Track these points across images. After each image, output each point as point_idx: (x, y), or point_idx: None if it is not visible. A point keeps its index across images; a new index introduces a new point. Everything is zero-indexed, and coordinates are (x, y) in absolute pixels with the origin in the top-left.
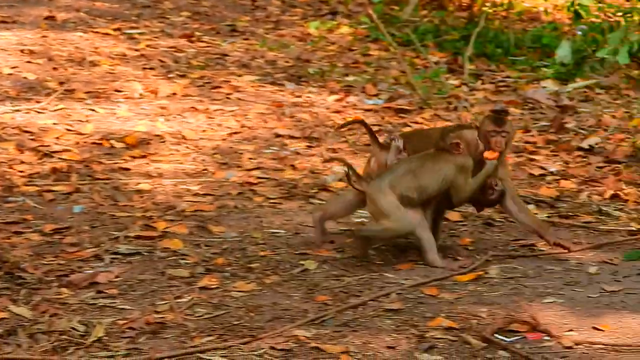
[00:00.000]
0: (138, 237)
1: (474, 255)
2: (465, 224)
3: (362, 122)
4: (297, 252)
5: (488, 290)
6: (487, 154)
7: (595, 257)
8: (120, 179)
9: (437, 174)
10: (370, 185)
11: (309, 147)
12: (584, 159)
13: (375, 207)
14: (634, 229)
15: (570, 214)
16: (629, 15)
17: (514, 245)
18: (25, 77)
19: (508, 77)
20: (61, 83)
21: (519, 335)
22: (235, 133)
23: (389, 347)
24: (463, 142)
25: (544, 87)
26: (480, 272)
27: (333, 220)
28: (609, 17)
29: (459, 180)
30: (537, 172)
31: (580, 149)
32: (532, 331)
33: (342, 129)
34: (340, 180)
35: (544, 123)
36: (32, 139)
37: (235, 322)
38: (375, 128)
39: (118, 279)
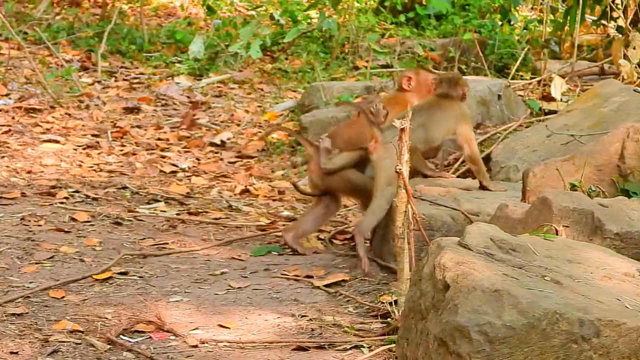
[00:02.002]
0: None
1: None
2: (94, 224)
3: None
4: None
5: (115, 290)
6: None
7: (224, 254)
8: None
9: (445, 123)
10: (385, 135)
11: None
12: (216, 154)
13: (386, 156)
14: (263, 224)
15: (200, 210)
16: (261, 9)
17: (142, 244)
18: None
19: (142, 73)
20: None
21: (144, 336)
22: None
23: (12, 353)
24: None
25: (178, 83)
26: (110, 273)
27: (305, 236)
28: (242, 11)
29: (466, 128)
30: (168, 169)
31: (212, 144)
32: (157, 331)
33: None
34: None
35: (176, 119)
36: None
37: None
38: (5, 129)
39: None
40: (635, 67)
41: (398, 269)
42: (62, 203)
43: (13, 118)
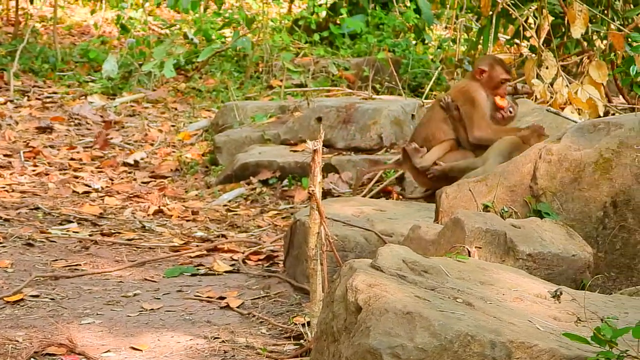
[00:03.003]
0: None
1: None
2: (5, 245)
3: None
4: None
5: (26, 313)
6: (498, 100)
7: (136, 275)
8: None
9: None
10: None
11: None
12: (130, 175)
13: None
14: (176, 245)
15: (113, 231)
16: (174, 28)
17: (54, 265)
18: None
19: (55, 92)
20: None
21: (56, 359)
22: None
23: None
24: None
25: (91, 102)
26: (21, 295)
27: None
28: (155, 30)
29: None
30: (81, 189)
31: (126, 164)
32: (69, 354)
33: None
34: None
35: (89, 139)
36: None
37: None
38: None
39: None
40: (548, 86)
41: (311, 291)
42: None
43: None
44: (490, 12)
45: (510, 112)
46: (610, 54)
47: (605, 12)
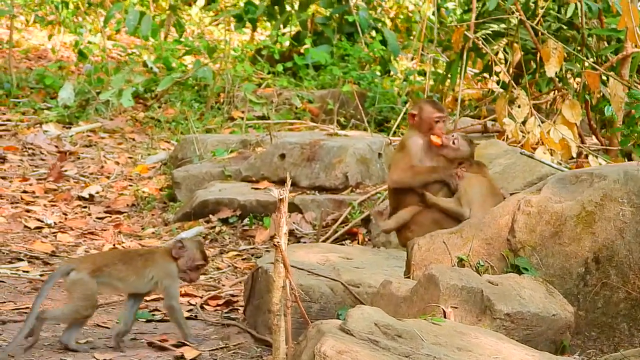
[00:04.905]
0: None
1: None
2: None
3: None
4: None
5: None
6: (433, 139)
7: (88, 321)
8: None
9: None
10: None
11: None
12: (84, 209)
13: None
14: None
15: None
16: (135, 55)
17: (2, 308)
18: None
19: (9, 120)
20: None
21: None
22: None
23: None
24: None
25: (46, 131)
26: None
27: None
28: (114, 56)
29: None
30: (33, 224)
31: (80, 198)
32: None
33: None
34: None
35: (43, 170)
36: None
37: None
38: None
39: None
40: (520, 125)
41: (274, 348)
42: None
43: None
44: (461, 46)
45: (454, 144)
46: (585, 93)
47: (580, 49)
